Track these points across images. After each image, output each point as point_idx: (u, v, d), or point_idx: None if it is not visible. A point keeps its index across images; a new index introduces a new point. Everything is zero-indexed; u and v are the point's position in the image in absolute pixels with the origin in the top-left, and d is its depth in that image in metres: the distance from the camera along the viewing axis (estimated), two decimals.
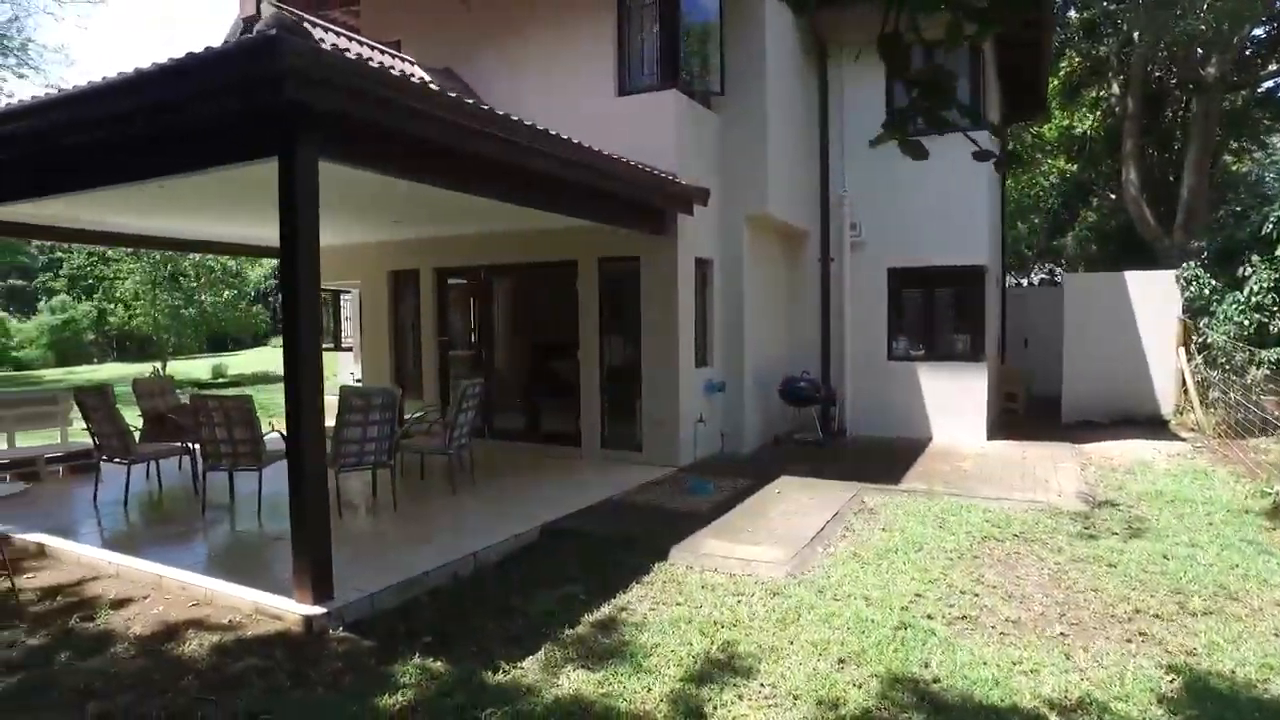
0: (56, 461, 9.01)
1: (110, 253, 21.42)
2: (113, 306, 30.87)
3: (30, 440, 9.68)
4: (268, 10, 8.33)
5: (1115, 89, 17.91)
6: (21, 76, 20.79)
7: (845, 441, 11.37)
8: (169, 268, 21.27)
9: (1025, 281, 25.14)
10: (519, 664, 4.27)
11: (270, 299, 33.30)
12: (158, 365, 21.92)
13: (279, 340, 28.28)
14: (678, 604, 5.15)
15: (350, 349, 17.18)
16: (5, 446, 9.28)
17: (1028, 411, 13.86)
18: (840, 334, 11.88)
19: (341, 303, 18.04)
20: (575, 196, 7.59)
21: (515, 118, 6.00)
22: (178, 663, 4.30)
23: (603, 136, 7.94)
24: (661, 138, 9.17)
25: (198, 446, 8.04)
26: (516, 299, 11.22)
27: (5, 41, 21.37)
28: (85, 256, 31.84)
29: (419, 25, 10.91)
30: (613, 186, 7.69)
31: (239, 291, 23.13)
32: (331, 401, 12.69)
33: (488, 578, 5.76)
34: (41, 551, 6.28)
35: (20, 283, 37.31)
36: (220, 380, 21.42)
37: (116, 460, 7.72)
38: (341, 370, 17.91)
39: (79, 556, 6.07)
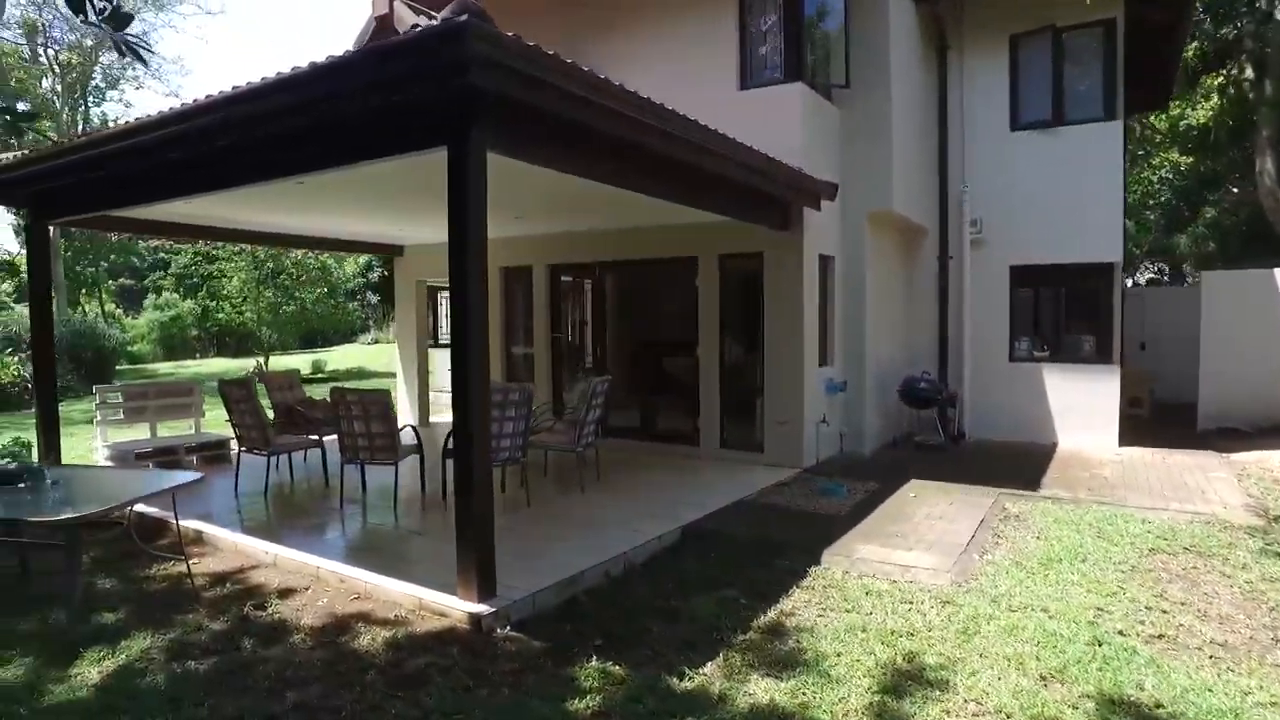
0: (193, 451, 9.29)
1: (218, 251, 22.20)
2: (215, 304, 32.18)
3: (167, 430, 10.00)
4: (401, 8, 8.41)
5: (1249, 72, 16.89)
6: (139, 87, 21.68)
7: (965, 445, 10.95)
8: (270, 266, 21.92)
9: (1132, 281, 24.01)
10: (700, 670, 4.13)
11: (359, 296, 34.07)
12: (260, 360, 22.61)
13: (365, 337, 28.66)
14: (845, 610, 4.95)
15: (448, 346, 17.42)
16: (148, 435, 9.62)
17: (1153, 417, 13.15)
18: (959, 334, 11.46)
19: (439, 300, 18.30)
20: (715, 190, 7.44)
21: (670, 109, 5.88)
22: (355, 656, 4.30)
23: (722, 130, 7.77)
24: (787, 133, 8.95)
25: (325, 439, 8.23)
26: (632, 296, 11.12)
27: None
28: (191, 256, 33.17)
29: (525, 12, 10.88)
30: (753, 180, 7.50)
31: (333, 288, 23.67)
32: (426, 398, 12.70)
33: (637, 578, 5.66)
34: (199, 538, 6.43)
35: (129, 282, 39.27)
36: (319, 375, 21.97)
37: (254, 451, 7.89)
38: (439, 367, 18.14)
39: (236, 544, 6.20)
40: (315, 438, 8.14)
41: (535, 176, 6.05)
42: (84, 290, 32.35)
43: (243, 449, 8.02)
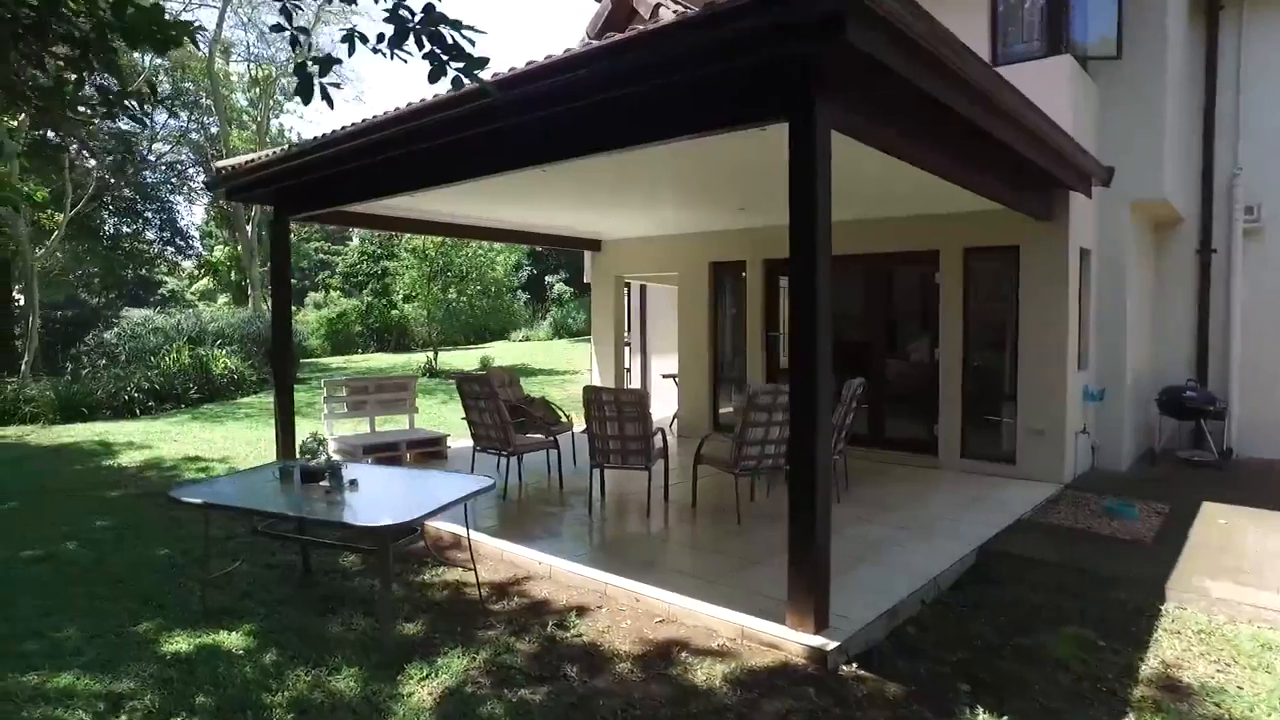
0: (412, 447, 9.23)
1: (391, 248, 22.80)
2: (382, 301, 33.42)
3: (384, 424, 10.02)
4: None
5: None
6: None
7: (1237, 463, 9.63)
8: (441, 263, 22.33)
9: None
10: None
11: (518, 292, 34.51)
12: (430, 355, 23.08)
13: (516, 334, 28.80)
14: (1251, 668, 4.12)
15: (628, 344, 17.11)
16: (368, 429, 9.65)
17: None
18: (1225, 339, 10.12)
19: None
20: (991, 169, 6.63)
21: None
22: (699, 694, 3.82)
23: None
24: (1053, 111, 7.99)
25: (550, 438, 7.92)
26: (859, 293, 10.37)
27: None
28: (358, 256, 34.60)
29: None
30: (1041, 159, 6.65)
31: (498, 286, 23.88)
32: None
33: (956, 606, 4.99)
34: (457, 542, 6.19)
35: (295, 281, 41.26)
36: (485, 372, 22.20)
37: (491, 451, 7.66)
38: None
39: (501, 551, 5.90)
40: (551, 437, 7.84)
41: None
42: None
43: (478, 448, 7.82)
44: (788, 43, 3.88)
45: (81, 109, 5.26)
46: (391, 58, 3.03)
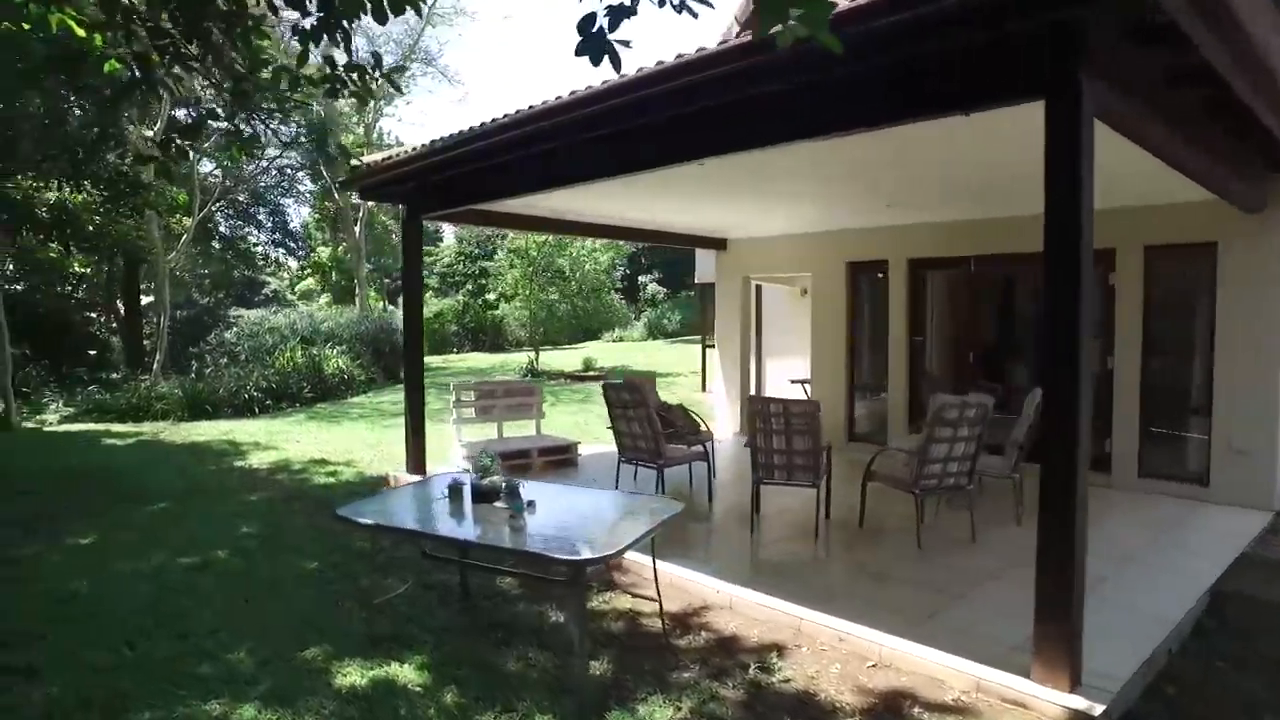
0: (543, 455, 8.92)
1: (493, 246, 22.80)
2: (477, 301, 33.74)
3: (512, 430, 9.76)
4: None
5: None
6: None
7: None
8: (542, 263, 22.23)
9: None
10: None
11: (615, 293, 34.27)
12: (530, 355, 23.03)
13: (609, 335, 28.39)
14: None
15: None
16: (495, 435, 9.39)
17: None
18: None
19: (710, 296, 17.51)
20: (1235, 160, 5.87)
21: None
22: None
23: None
24: None
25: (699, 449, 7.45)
26: (1015, 295, 9.62)
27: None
28: (454, 256, 34.98)
29: None
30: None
31: (599, 286, 23.66)
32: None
33: (1206, 659, 4.31)
34: (619, 564, 5.78)
35: (388, 280, 42.28)
36: (590, 373, 21.99)
37: (640, 463, 7.26)
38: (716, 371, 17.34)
39: (670, 577, 5.43)
40: (700, 448, 7.38)
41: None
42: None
43: (624, 459, 7.42)
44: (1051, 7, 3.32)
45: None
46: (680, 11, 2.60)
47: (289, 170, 25.38)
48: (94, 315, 18.80)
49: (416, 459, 8.51)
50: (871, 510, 6.70)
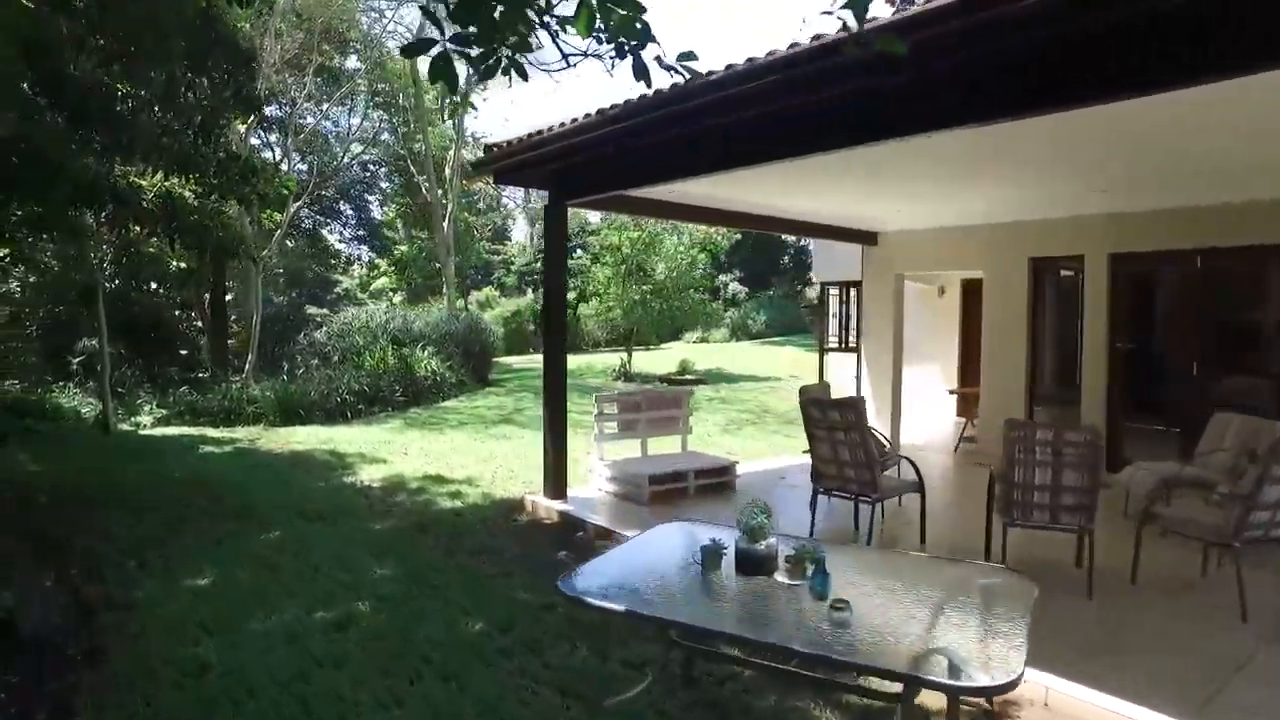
0: (698, 477, 7.74)
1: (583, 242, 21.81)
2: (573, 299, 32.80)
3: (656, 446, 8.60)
4: None
5: None
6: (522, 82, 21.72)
7: None
8: (636, 261, 21.14)
9: None
10: None
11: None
12: (623, 357, 21.91)
13: (690, 335, 27.01)
14: None
15: (839, 349, 15.15)
16: (639, 454, 8.26)
17: None
18: None
19: (838, 295, 16.12)
20: None
21: None
22: None
23: None
24: None
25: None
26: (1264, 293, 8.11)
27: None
28: (532, 254, 34.18)
29: None
30: None
31: (696, 284, 22.40)
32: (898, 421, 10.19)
33: None
34: None
35: (461, 279, 41.71)
36: (687, 376, 20.81)
37: (847, 495, 6.03)
38: (842, 377, 15.95)
39: None
40: (915, 478, 6.10)
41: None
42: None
43: (824, 489, 6.19)
44: None
45: None
46: None
47: (371, 166, 24.82)
48: (184, 313, 18.26)
49: (557, 482, 7.43)
50: (1109, 550, 5.34)
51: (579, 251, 33.24)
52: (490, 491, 8.23)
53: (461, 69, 2.69)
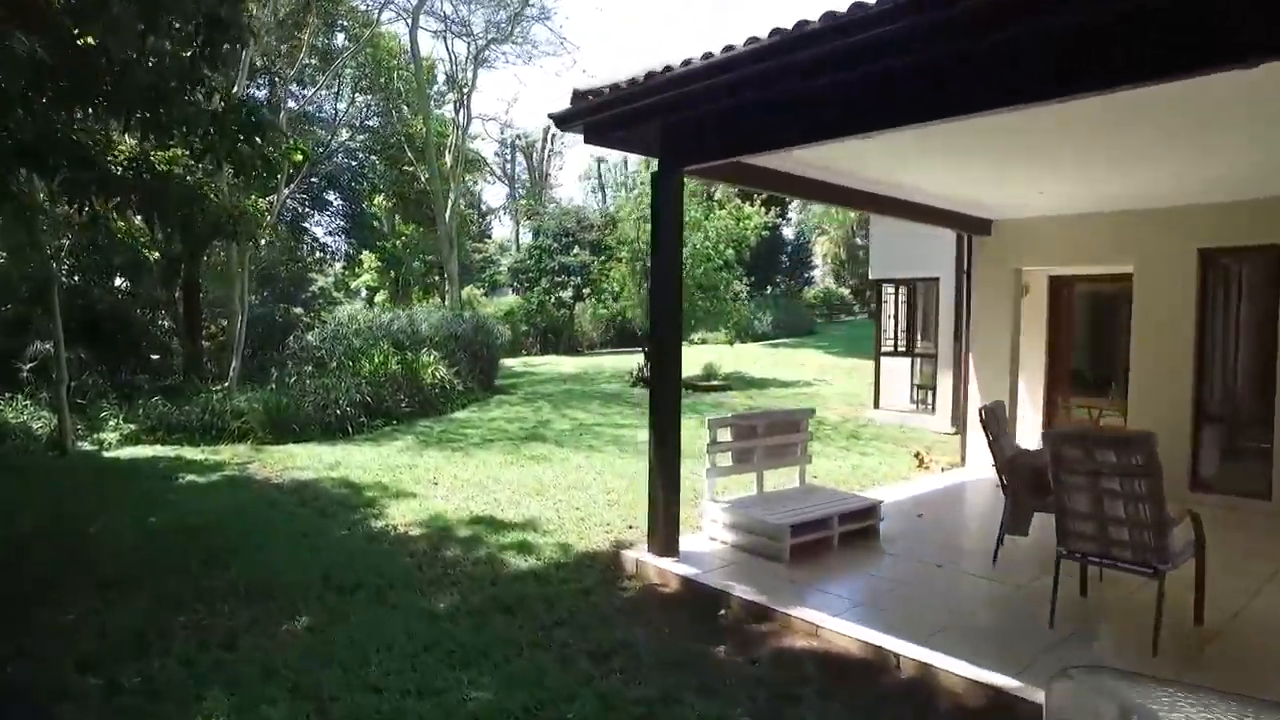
0: (843, 521, 6.03)
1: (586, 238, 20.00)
2: (551, 298, 30.92)
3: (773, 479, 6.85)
4: None
5: None
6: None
7: None
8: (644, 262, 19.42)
9: None
10: None
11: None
12: (641, 361, 20.07)
13: (695, 335, 25.19)
14: None
15: (925, 355, 13.58)
16: (755, 490, 6.52)
17: None
18: None
19: (893, 295, 14.48)
20: None
21: None
22: None
23: None
24: None
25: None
26: None
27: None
28: (528, 253, 32.32)
29: None
30: None
31: (722, 280, 20.57)
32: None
33: None
34: None
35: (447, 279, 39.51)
36: (715, 382, 19.10)
37: (1108, 562, 4.34)
38: (895, 383, 14.34)
39: None
40: (1192, 535, 4.41)
41: None
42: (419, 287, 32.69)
43: (1071, 552, 4.48)
44: None
45: None
46: None
47: (360, 154, 22.79)
48: (153, 312, 16.06)
49: (668, 534, 5.68)
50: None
51: (576, 248, 31.41)
52: (565, 541, 6.43)
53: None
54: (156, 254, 10.33)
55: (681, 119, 5.43)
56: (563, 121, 5.66)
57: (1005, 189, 7.73)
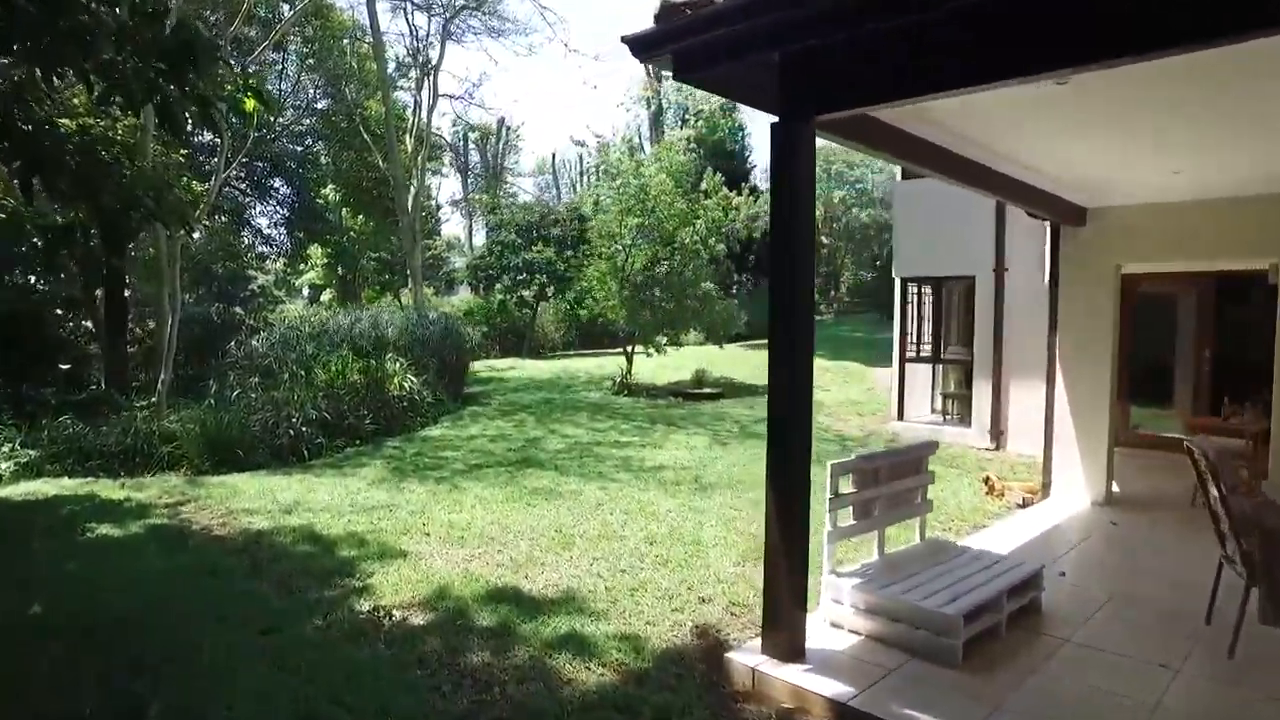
0: (1011, 597, 4.47)
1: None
2: (513, 298, 28.95)
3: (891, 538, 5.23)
4: None
5: None
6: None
7: None
8: (633, 263, 17.77)
9: None
10: None
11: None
12: (623, 366, 18.34)
13: (661, 338, 23.74)
14: None
15: (954, 360, 12.17)
16: (876, 556, 4.90)
17: None
18: None
19: (917, 295, 13.07)
20: None
21: None
22: None
23: None
24: None
25: None
26: None
27: None
28: (489, 249, 30.37)
29: None
30: None
31: (701, 275, 18.97)
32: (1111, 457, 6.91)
33: None
34: None
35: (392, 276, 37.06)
36: (705, 390, 17.50)
37: None
38: (913, 391, 12.94)
39: None
40: None
41: None
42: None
43: None
44: None
45: None
46: None
47: (309, 138, 20.53)
48: (66, 313, 13.75)
49: (793, 631, 4.04)
50: None
51: (537, 246, 29.48)
52: (629, 629, 4.73)
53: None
54: (50, 236, 8.20)
55: (805, 49, 3.80)
56: (646, 48, 3.96)
57: (1133, 169, 6.31)
